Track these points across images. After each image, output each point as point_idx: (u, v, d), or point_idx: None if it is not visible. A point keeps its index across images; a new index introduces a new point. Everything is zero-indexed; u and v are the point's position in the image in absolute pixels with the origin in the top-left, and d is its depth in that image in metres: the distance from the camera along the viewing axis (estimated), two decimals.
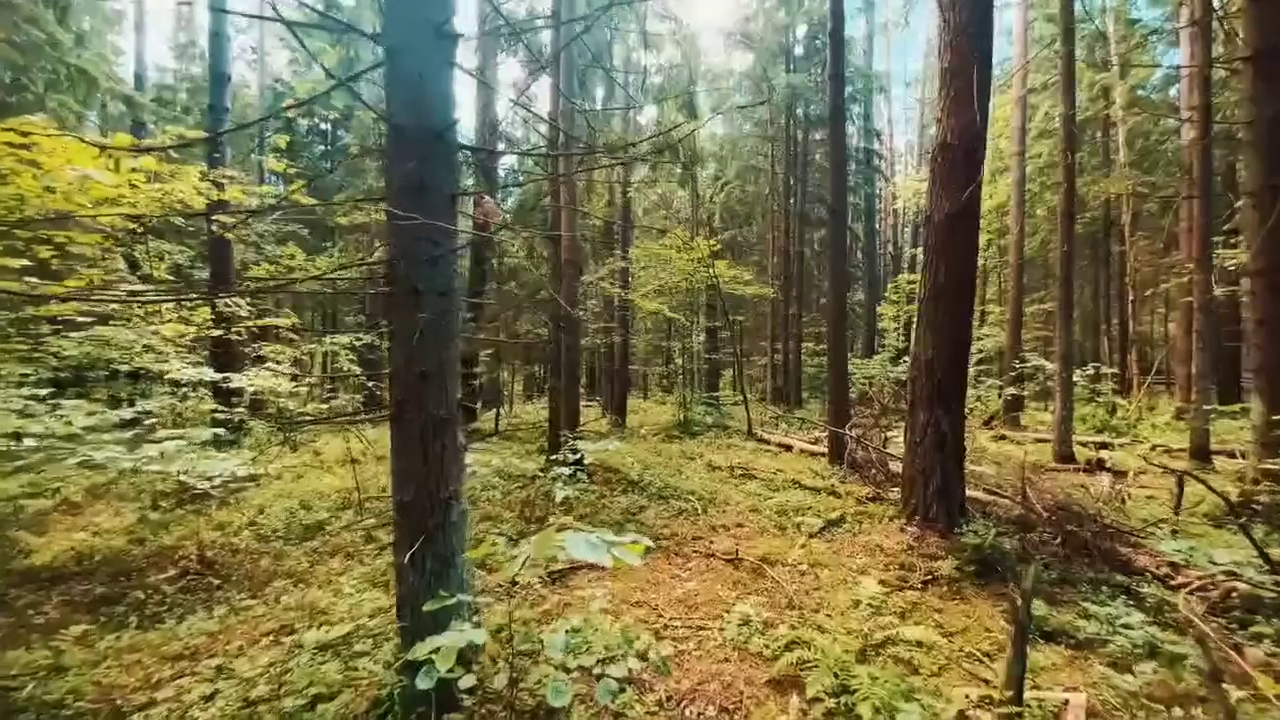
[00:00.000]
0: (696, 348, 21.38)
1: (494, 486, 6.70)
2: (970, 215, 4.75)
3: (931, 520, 4.76)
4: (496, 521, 5.46)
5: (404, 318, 2.54)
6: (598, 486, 6.99)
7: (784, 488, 7.37)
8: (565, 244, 7.36)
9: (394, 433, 2.61)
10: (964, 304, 4.80)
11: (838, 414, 8.27)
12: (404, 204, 2.51)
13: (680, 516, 6.14)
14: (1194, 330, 8.34)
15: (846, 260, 8.39)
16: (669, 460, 9.07)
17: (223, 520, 6.00)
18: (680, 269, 14.85)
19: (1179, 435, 12.14)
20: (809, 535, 5.27)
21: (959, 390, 4.84)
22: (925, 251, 4.98)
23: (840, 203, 8.39)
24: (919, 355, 4.97)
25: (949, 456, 4.77)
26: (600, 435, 12.37)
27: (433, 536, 2.55)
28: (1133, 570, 4.04)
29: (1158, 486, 7.63)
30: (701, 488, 7.23)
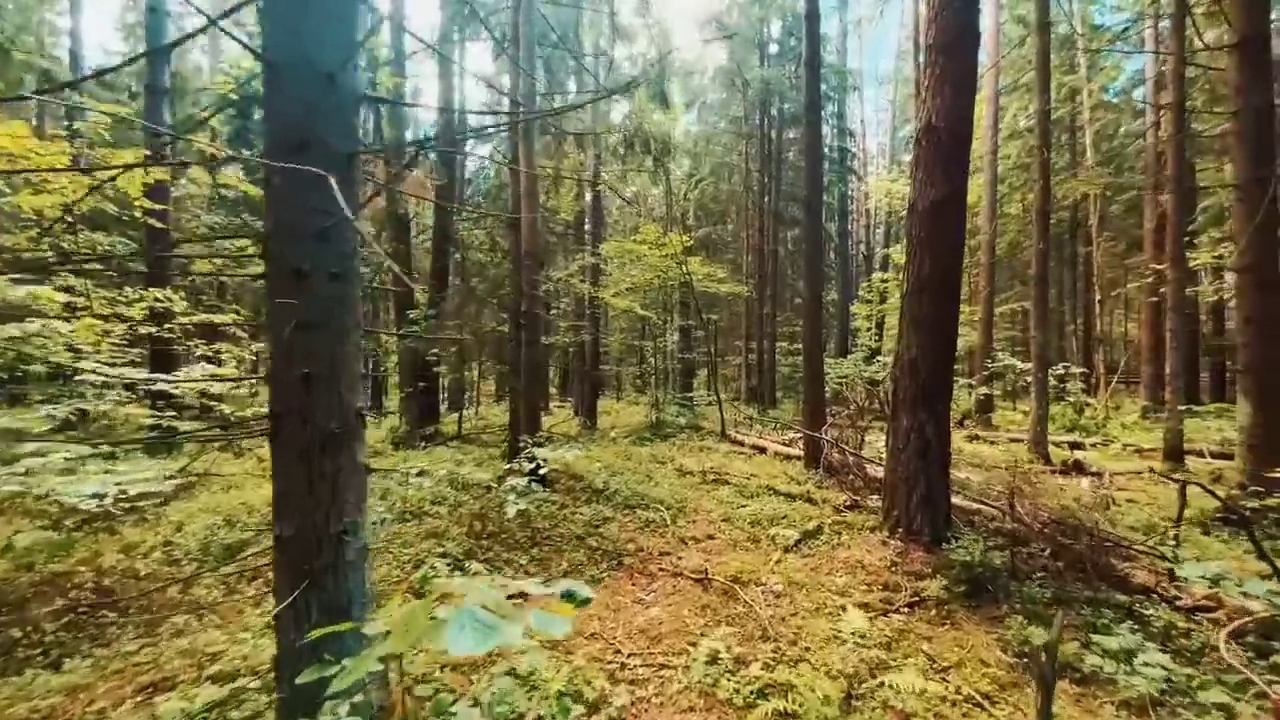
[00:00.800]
0: (670, 347, 20.99)
1: (444, 499, 6.14)
2: (957, 202, 4.40)
3: (915, 533, 4.40)
4: (442, 539, 4.91)
5: (283, 306, 2.01)
6: (559, 496, 6.48)
7: (758, 494, 6.98)
8: (525, 233, 6.82)
9: (272, 451, 2.07)
10: (950, 298, 4.46)
11: (813, 416, 7.93)
12: (279, 165, 1.98)
13: (647, 529, 5.68)
14: (1168, 329, 8.24)
15: (823, 256, 8.04)
16: (638, 465, 8.61)
17: (133, 541, 5.30)
18: (653, 265, 14.41)
19: (1146, 434, 12.22)
20: (784, 549, 4.86)
21: (944, 392, 4.49)
22: (908, 243, 4.62)
23: (816, 196, 8.05)
24: (901, 354, 4.61)
25: (933, 464, 4.42)
26: (569, 438, 11.85)
27: (319, 581, 2.03)
28: (1132, 588, 3.73)
29: (1136, 489, 7.49)
30: (671, 495, 6.80)
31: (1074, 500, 6.06)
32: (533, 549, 4.95)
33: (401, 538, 4.97)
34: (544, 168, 12.02)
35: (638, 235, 14.76)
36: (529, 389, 6.91)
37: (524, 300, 6.87)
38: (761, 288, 19.20)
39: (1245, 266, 5.11)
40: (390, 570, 4.34)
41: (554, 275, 15.11)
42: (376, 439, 11.53)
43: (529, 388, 6.91)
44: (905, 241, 4.65)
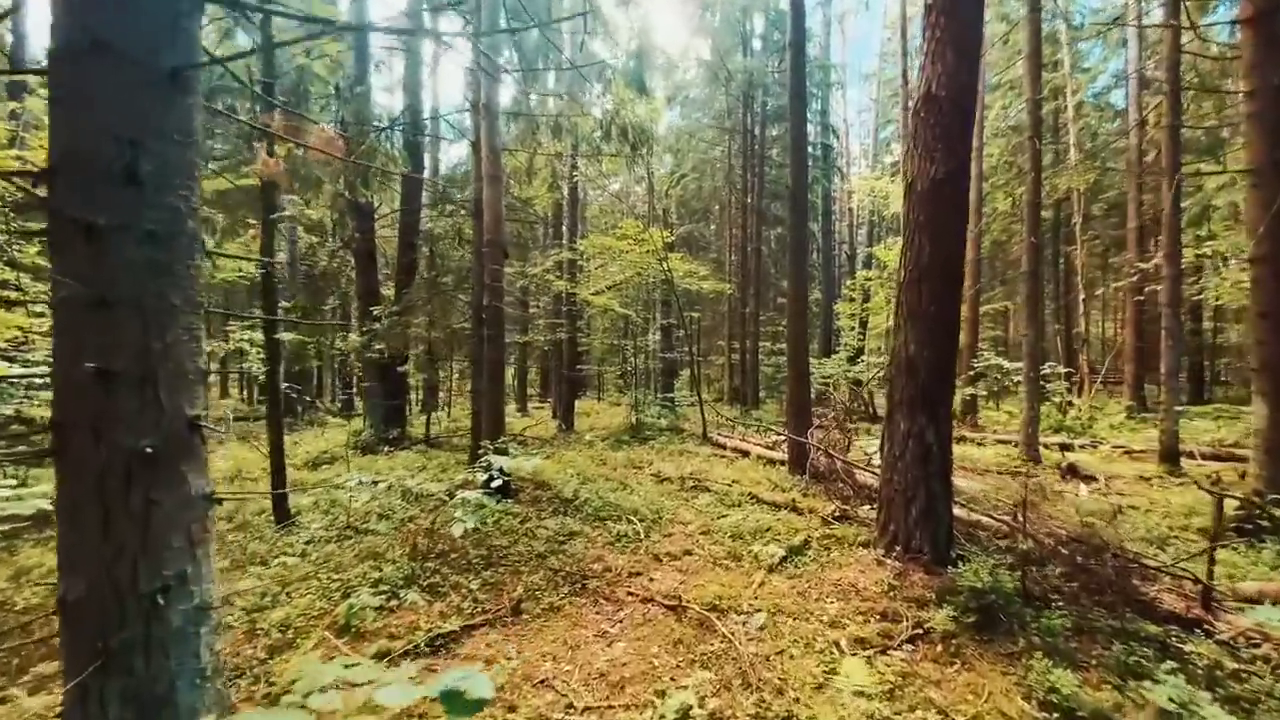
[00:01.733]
0: (652, 346, 20.48)
1: (391, 513, 5.53)
2: (960, 181, 3.94)
3: (915, 551, 3.92)
4: (381, 562, 4.31)
5: (70, 272, 1.43)
6: (522, 508, 5.91)
7: (740, 503, 6.48)
8: (487, 219, 6.24)
9: (57, 477, 1.48)
10: (952, 289, 3.99)
11: (798, 418, 7.46)
12: (68, 75, 1.40)
13: (618, 544, 5.13)
14: (1164, 327, 7.94)
15: (807, 251, 7.57)
16: (613, 471, 8.06)
17: None
18: (633, 262, 13.89)
19: (1135, 435, 12.01)
20: (768, 568, 4.35)
21: (946, 393, 4.02)
22: (905, 228, 4.14)
23: (801, 189, 7.58)
24: (898, 351, 4.13)
25: (935, 474, 3.94)
26: (543, 441, 11.26)
27: (121, 660, 1.45)
28: (1160, 615, 3.29)
29: (1135, 493, 7.13)
30: (647, 505, 6.26)
31: (1075, 508, 5.66)
32: (486, 570, 4.37)
33: (334, 560, 4.36)
34: (513, 151, 11.41)
35: (618, 230, 14.25)
36: (491, 389, 6.32)
37: (485, 293, 6.28)
38: (745, 286, 18.78)
39: (1262, 256, 4.74)
40: (314, 601, 3.73)
41: (530, 271, 14.50)
42: (338, 443, 10.81)
43: (491, 388, 6.32)
44: (902, 226, 4.18)
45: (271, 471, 5.44)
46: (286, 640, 3.29)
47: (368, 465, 8.65)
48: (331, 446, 10.39)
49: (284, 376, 15.14)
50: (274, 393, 5.48)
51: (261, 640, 3.27)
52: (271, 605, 3.68)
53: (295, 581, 4.00)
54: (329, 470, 8.34)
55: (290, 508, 5.61)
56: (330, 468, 8.79)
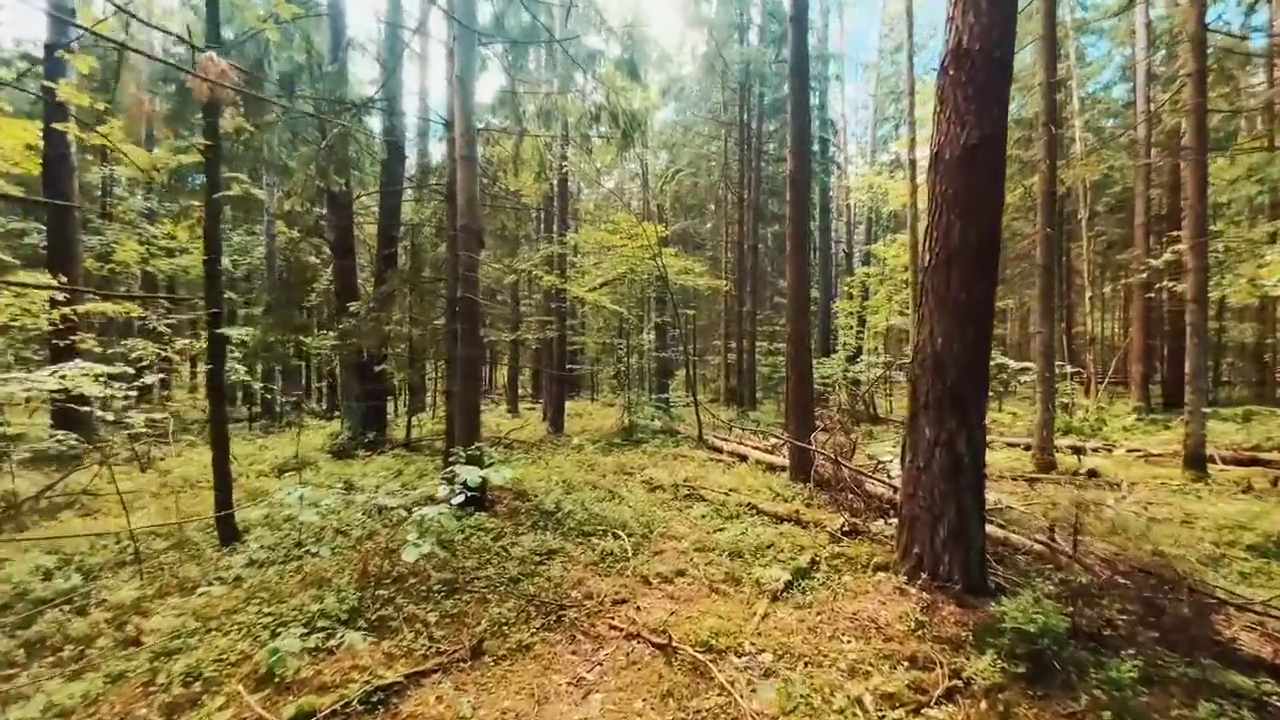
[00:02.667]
0: (647, 346, 19.92)
1: (349, 528, 4.94)
2: (997, 148, 3.39)
3: (944, 579, 3.37)
4: (326, 590, 3.73)
5: None
6: (497, 522, 5.33)
7: (739, 514, 5.93)
8: (460, 205, 5.66)
9: None
10: (986, 272, 3.45)
11: (800, 422, 6.91)
12: None
13: (602, 565, 4.57)
14: (1188, 323, 7.44)
15: (809, 241, 7.02)
16: (601, 478, 7.50)
17: None
18: (625, 257, 13.34)
19: (1149, 437, 11.52)
20: (772, 596, 3.80)
21: (979, 394, 3.48)
22: (931, 203, 3.59)
23: (802, 172, 7.04)
24: (922, 346, 3.58)
25: (967, 488, 3.40)
26: (529, 446, 10.69)
27: None
28: (1243, 661, 2.74)
29: (1164, 501, 6.61)
30: (636, 517, 5.70)
31: (1117, 524, 5.13)
32: (448, 599, 3.80)
33: (272, 588, 3.77)
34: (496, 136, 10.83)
35: (609, 224, 13.69)
36: (465, 390, 5.74)
37: (459, 284, 5.70)
38: (741, 284, 18.25)
39: None
40: (236, 642, 3.14)
41: (519, 266, 13.92)
42: (313, 446, 10.22)
43: (465, 388, 5.74)
44: (928, 201, 3.63)
45: (215, 484, 4.85)
46: (190, 696, 2.71)
47: (338, 471, 8.07)
48: (305, 450, 9.79)
49: (260, 376, 14.47)
50: (216, 394, 4.89)
51: (159, 697, 2.69)
52: (184, 648, 3.09)
53: (220, 616, 3.41)
54: (296, 478, 7.74)
55: (238, 524, 5.02)
56: (303, 473, 8.20)
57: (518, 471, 8.22)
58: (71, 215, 10.64)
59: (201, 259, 4.94)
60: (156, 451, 9.86)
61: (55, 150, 9.86)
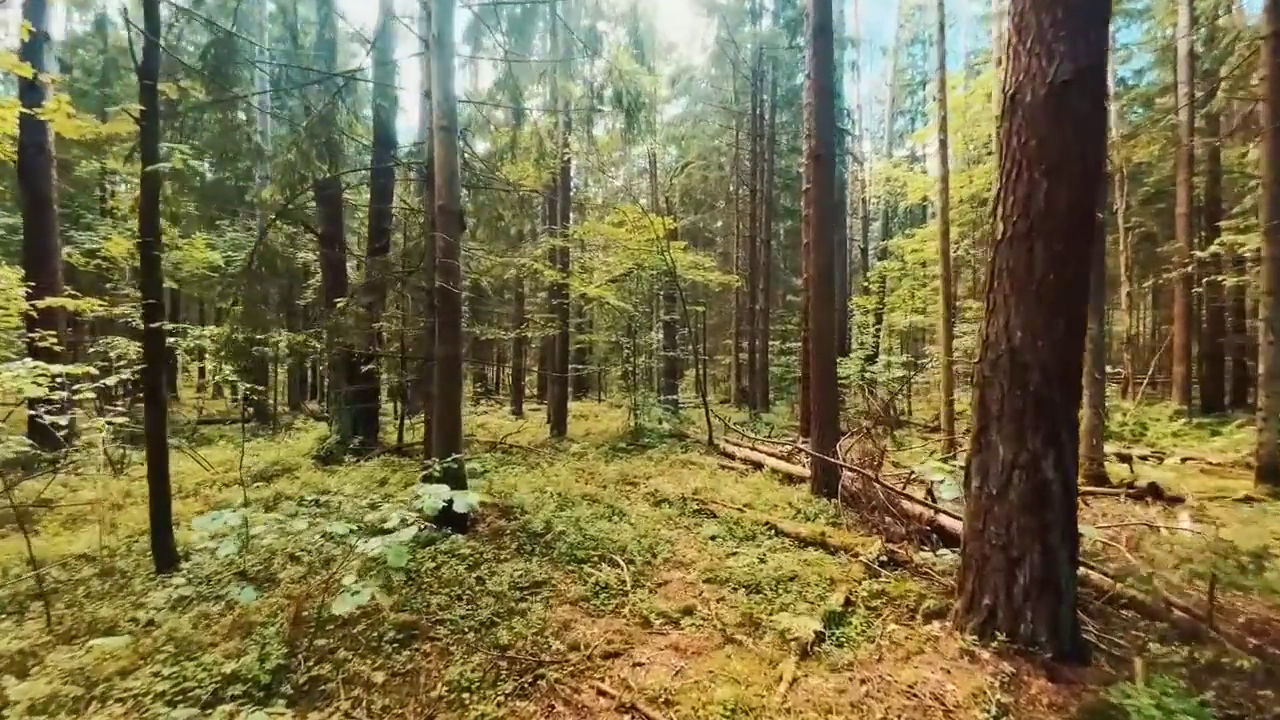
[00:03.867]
0: (655, 345, 19.18)
1: (303, 553, 4.27)
2: (1094, 82, 2.62)
3: (1027, 641, 2.61)
4: (251, 640, 3.05)
5: None
6: (477, 546, 4.63)
7: (755, 535, 5.19)
8: (439, 183, 4.97)
9: None
10: (1080, 248, 2.68)
11: (824, 429, 6.15)
12: None
13: (595, 601, 3.85)
14: (1263, 318, 6.57)
15: (835, 218, 6.28)
16: (601, 490, 6.78)
17: None
18: (631, 251, 12.62)
19: (1200, 444, 10.60)
20: (800, 651, 3.06)
21: (1071, 403, 2.71)
22: (1004, 160, 2.83)
23: (827, 144, 6.29)
24: (993, 341, 2.82)
25: (1056, 525, 2.64)
26: (528, 451, 10.00)
27: None
28: None
29: (1241, 521, 5.76)
30: (638, 539, 4.98)
31: (1170, 543, 4.31)
32: (403, 650, 3.10)
33: (184, 639, 3.09)
34: (501, 131, 10.18)
35: (614, 215, 12.99)
36: (444, 392, 5.05)
37: (437, 273, 5.01)
38: (754, 280, 17.47)
39: None
40: None
41: (520, 260, 13.26)
42: (301, 451, 9.61)
43: (445, 390, 5.06)
44: (999, 158, 2.87)
45: (152, 503, 4.20)
46: None
47: (316, 480, 7.43)
48: (288, 456, 9.18)
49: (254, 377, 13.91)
50: (153, 399, 4.24)
51: None
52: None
53: (110, 678, 2.74)
54: (269, 488, 7.11)
55: (178, 547, 4.37)
56: (278, 482, 7.58)
57: (513, 479, 7.55)
58: (50, 208, 10.11)
59: (138, 242, 4.29)
60: (137, 455, 9.32)
61: (32, 139, 9.34)
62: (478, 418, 16.40)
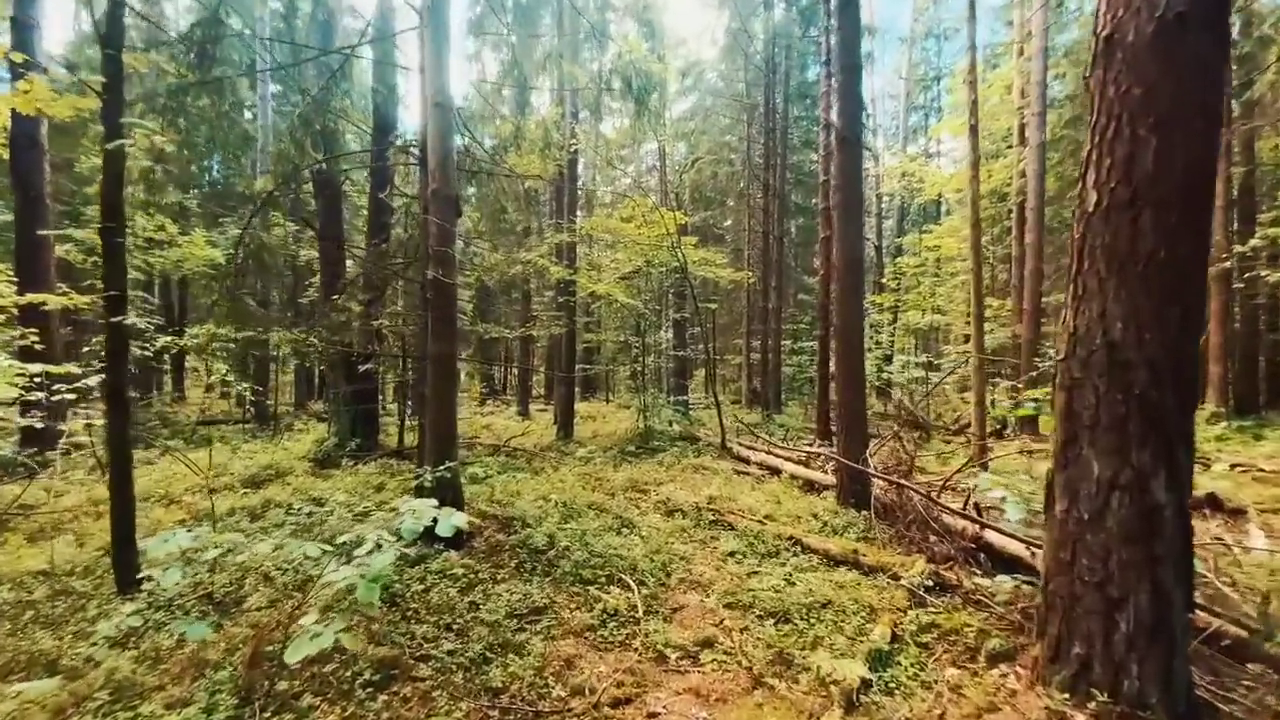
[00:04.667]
0: (664, 344, 18.70)
1: (280, 570, 3.85)
2: (1214, 18, 2.13)
3: (1136, 703, 2.12)
4: (201, 682, 2.61)
5: None
6: (473, 564, 4.19)
7: (778, 551, 4.70)
8: (432, 165, 4.54)
9: None
10: (1198, 220, 2.19)
11: (851, 432, 5.66)
12: None
13: (601, 631, 3.39)
14: None
15: (862, 201, 5.79)
16: (609, 498, 6.32)
17: None
18: (641, 248, 12.15)
19: (1245, 448, 9.97)
20: (844, 700, 2.58)
21: (1189, 411, 2.22)
22: (1096, 117, 2.34)
23: (853, 125, 5.79)
24: (1086, 335, 2.33)
25: (1168, 558, 2.14)
26: (532, 455, 9.56)
27: None
28: None
29: None
30: (650, 555, 4.52)
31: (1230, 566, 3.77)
32: (378, 696, 2.66)
33: (124, 682, 2.66)
34: (506, 122, 9.75)
35: (622, 209, 12.55)
36: (438, 392, 4.62)
37: (430, 263, 4.58)
38: (767, 277, 16.95)
39: None
40: None
41: (524, 256, 12.84)
42: (296, 454, 9.24)
43: (439, 390, 4.62)
44: (1091, 113, 2.37)
45: (113, 515, 3.80)
46: None
47: (308, 486, 7.04)
48: (284, 459, 8.80)
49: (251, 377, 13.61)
50: (115, 401, 3.83)
51: None
52: None
53: None
54: (258, 494, 6.72)
55: (143, 565, 3.96)
56: (270, 487, 7.19)
57: (515, 486, 7.11)
58: (42, 203, 9.80)
59: (100, 228, 3.89)
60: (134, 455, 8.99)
61: (22, 130, 9.03)
62: (483, 419, 16.03)
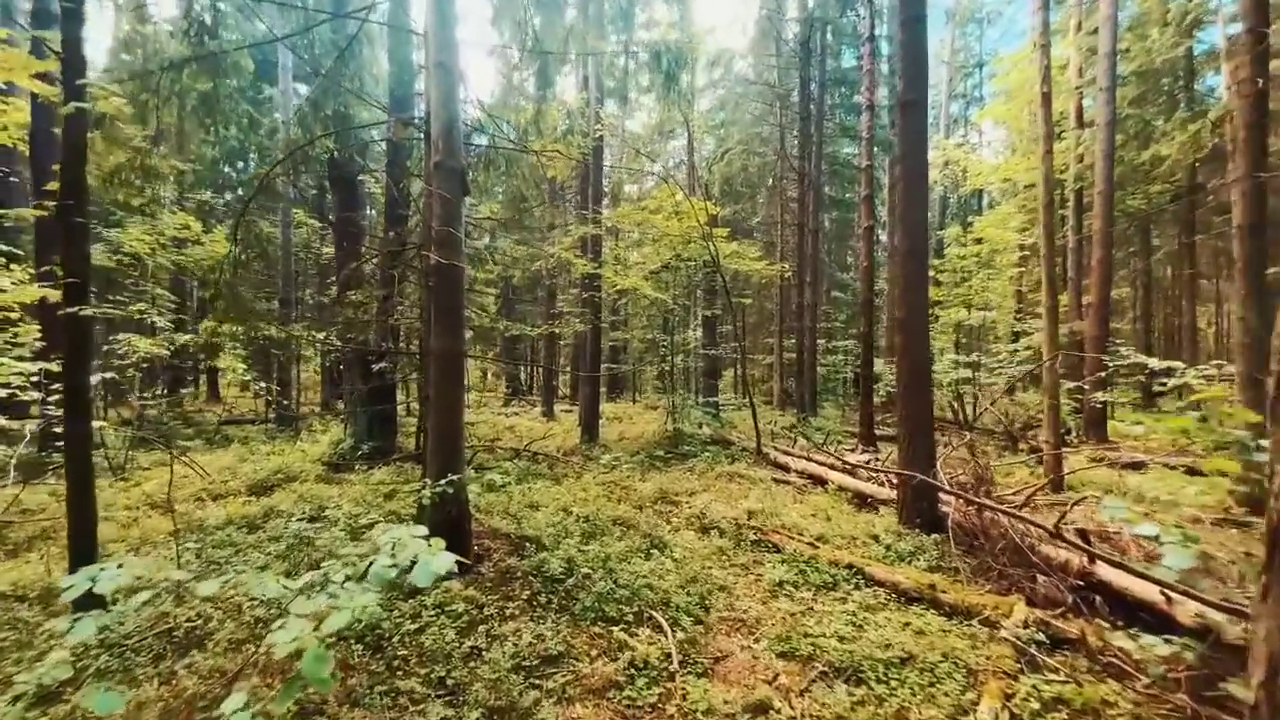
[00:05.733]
0: (693, 343, 17.96)
1: (253, 602, 3.31)
2: None
3: None
4: None
5: None
6: (478, 594, 3.57)
7: (837, 582, 3.97)
8: (435, 134, 3.97)
9: None
10: None
11: (915, 440, 4.88)
12: None
13: (628, 691, 2.73)
14: None
15: (927, 180, 5.01)
16: (637, 511, 5.66)
17: None
18: (671, 234, 11.43)
19: None
20: None
21: None
22: None
23: (918, 86, 5.03)
24: None
25: None
26: (554, 460, 8.95)
27: None
28: None
29: None
30: (684, 585, 3.85)
31: None
32: None
33: None
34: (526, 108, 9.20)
35: (651, 199, 11.89)
36: (442, 396, 4.04)
37: (433, 245, 4.00)
38: (802, 271, 16.07)
39: None
40: None
41: (548, 249, 12.30)
42: (312, 456, 8.86)
43: (442, 393, 4.04)
44: None
45: (70, 533, 3.32)
46: None
47: (318, 492, 6.57)
48: (298, 462, 8.42)
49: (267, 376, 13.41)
50: (74, 401, 3.36)
51: None
52: None
53: None
54: (260, 502, 6.29)
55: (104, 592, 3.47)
56: (277, 493, 6.76)
57: (535, 495, 6.52)
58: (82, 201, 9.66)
59: (58, 205, 3.42)
60: (147, 458, 8.77)
61: (42, 125, 8.86)
62: (507, 419, 15.55)
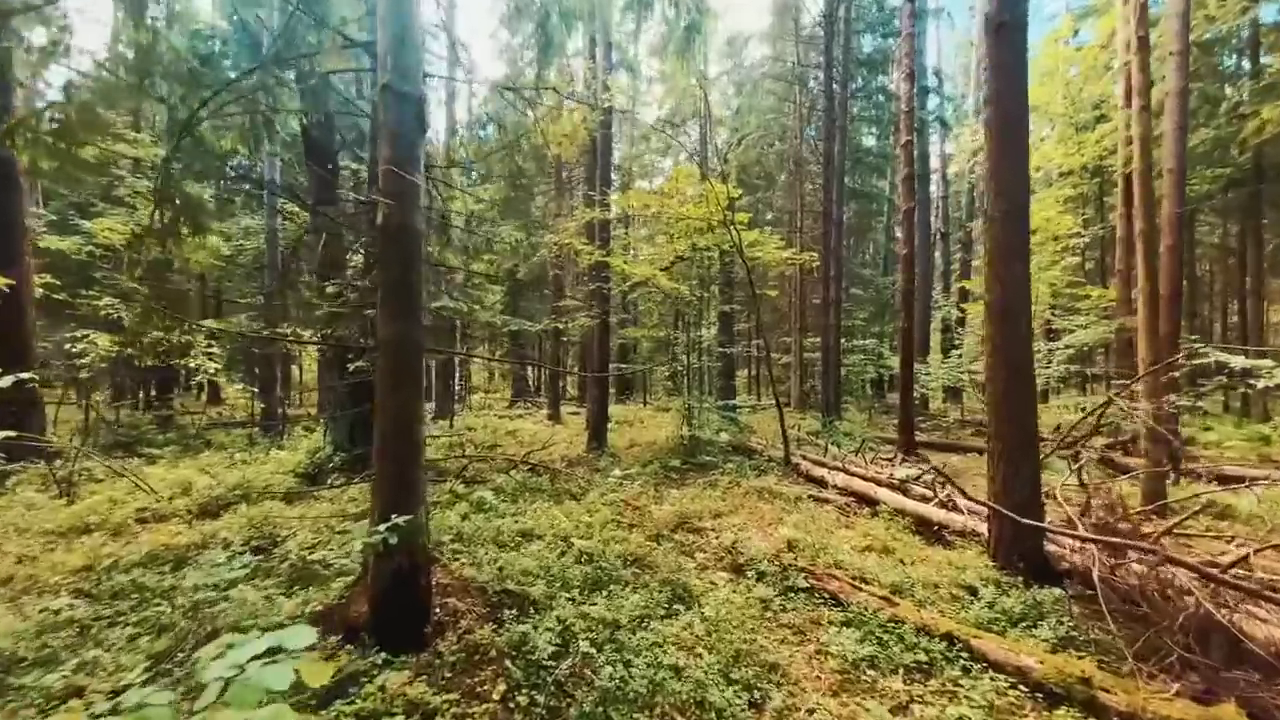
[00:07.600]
0: (707, 341, 16.81)
1: None
2: None
3: None
4: None
5: None
6: (431, 687, 2.47)
7: (934, 664, 2.84)
8: (383, 47, 2.90)
9: None
10: None
11: (1014, 459, 3.73)
12: None
13: None
14: None
15: (1027, 129, 3.78)
16: (652, 545, 4.54)
17: None
18: (685, 228, 10.33)
19: None
20: None
21: None
22: None
23: (1012, 4, 3.86)
24: None
25: None
26: (556, 472, 7.84)
27: None
28: None
29: None
30: (721, 667, 2.74)
31: None
32: None
33: None
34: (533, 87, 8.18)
35: (665, 183, 10.81)
36: (392, 394, 2.97)
37: (379, 198, 2.92)
38: (826, 264, 14.85)
39: None
40: None
41: (550, 238, 11.24)
42: (287, 466, 7.82)
43: (392, 391, 2.97)
44: None
45: None
46: None
47: (275, 515, 5.53)
48: (268, 473, 7.39)
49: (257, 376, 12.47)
50: None
51: None
52: None
53: None
54: (206, 525, 5.26)
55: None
56: (229, 514, 5.73)
57: (528, 521, 5.41)
58: (15, 183, 8.72)
59: None
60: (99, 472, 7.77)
61: None
62: (510, 423, 14.48)
